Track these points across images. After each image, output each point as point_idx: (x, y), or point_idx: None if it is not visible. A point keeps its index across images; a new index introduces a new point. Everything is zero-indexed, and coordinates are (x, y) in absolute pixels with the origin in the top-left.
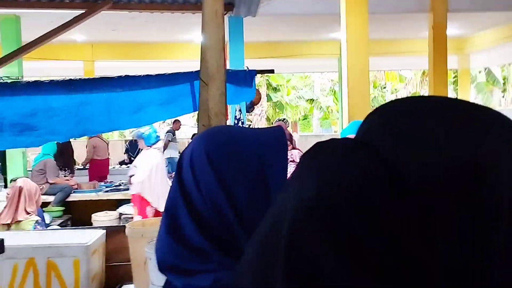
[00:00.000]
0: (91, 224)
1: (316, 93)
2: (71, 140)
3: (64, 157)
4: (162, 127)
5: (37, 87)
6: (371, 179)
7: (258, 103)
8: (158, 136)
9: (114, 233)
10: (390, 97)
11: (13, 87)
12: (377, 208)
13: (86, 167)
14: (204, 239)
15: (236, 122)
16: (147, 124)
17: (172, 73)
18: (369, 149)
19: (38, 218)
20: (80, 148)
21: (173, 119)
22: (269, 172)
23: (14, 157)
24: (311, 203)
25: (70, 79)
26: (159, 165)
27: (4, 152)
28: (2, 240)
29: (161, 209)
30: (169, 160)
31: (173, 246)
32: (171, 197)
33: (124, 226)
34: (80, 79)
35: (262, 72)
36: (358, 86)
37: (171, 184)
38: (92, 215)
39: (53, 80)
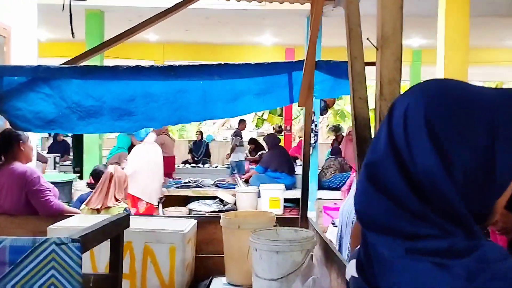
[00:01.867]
0: None
1: None
2: None
3: None
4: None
5: (137, 72)
6: None
7: (332, 106)
8: (148, 130)
9: (204, 224)
10: None
11: (114, 71)
12: None
13: None
14: (424, 203)
15: None
16: (242, 114)
17: (270, 62)
18: None
19: (126, 205)
20: None
21: (238, 119)
22: (500, 148)
23: (91, 149)
24: None
25: (170, 65)
26: (150, 160)
27: (81, 144)
28: (128, 215)
29: (154, 202)
30: (236, 163)
31: (389, 207)
32: (376, 144)
33: (214, 217)
34: (179, 65)
35: (367, 64)
36: None
37: (376, 133)
38: (164, 209)
39: (153, 66)
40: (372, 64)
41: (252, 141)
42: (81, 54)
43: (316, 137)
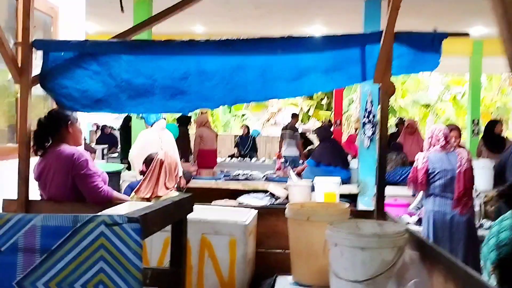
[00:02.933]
0: None
1: (432, 97)
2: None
3: (182, 143)
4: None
5: (191, 47)
6: None
7: (392, 95)
8: (159, 116)
9: (265, 215)
10: None
11: (166, 45)
12: None
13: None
14: None
15: (366, 115)
16: (307, 94)
17: (341, 35)
18: None
19: (177, 194)
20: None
21: (291, 114)
22: None
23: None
24: None
25: (227, 39)
26: (153, 143)
27: (129, 136)
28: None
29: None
30: (292, 158)
31: None
32: None
33: (276, 208)
34: (237, 39)
35: (455, 35)
36: None
37: None
38: (213, 202)
39: (209, 40)
40: None
41: (301, 135)
42: (130, 29)
43: (374, 128)
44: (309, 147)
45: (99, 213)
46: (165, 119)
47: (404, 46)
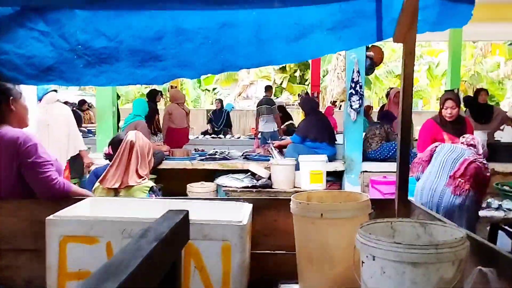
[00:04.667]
0: (186, 195)
1: None
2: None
3: (153, 120)
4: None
5: None
6: None
7: (380, 63)
8: (46, 89)
9: (262, 209)
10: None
11: None
12: None
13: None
14: None
15: (352, 86)
16: (310, 58)
17: None
18: None
19: (153, 184)
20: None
21: (264, 86)
22: None
23: (104, 116)
24: None
25: None
26: (46, 123)
27: None
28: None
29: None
30: (270, 134)
31: None
32: None
33: (275, 199)
34: None
35: None
36: None
37: None
38: (188, 185)
39: None
40: None
41: (280, 108)
42: None
43: (361, 100)
44: (288, 122)
45: (51, 216)
46: (56, 91)
47: None
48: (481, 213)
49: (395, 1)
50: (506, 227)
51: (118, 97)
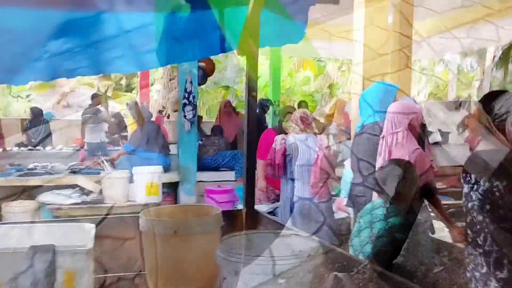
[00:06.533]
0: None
1: (231, 79)
2: None
3: None
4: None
5: None
6: None
7: (211, 74)
8: None
9: (105, 229)
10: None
11: None
12: None
13: None
14: None
15: (185, 96)
16: (156, 66)
17: None
18: None
19: None
20: None
21: (91, 94)
22: None
23: None
24: None
25: None
26: None
27: None
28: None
29: None
30: (99, 145)
31: None
32: None
33: (119, 217)
34: None
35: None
36: None
37: None
38: (3, 205)
39: None
40: None
41: (117, 117)
42: None
43: (194, 111)
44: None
45: None
46: None
47: (271, 12)
48: None
49: (238, 15)
50: None
51: None
